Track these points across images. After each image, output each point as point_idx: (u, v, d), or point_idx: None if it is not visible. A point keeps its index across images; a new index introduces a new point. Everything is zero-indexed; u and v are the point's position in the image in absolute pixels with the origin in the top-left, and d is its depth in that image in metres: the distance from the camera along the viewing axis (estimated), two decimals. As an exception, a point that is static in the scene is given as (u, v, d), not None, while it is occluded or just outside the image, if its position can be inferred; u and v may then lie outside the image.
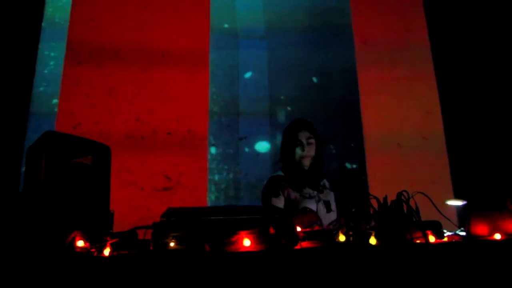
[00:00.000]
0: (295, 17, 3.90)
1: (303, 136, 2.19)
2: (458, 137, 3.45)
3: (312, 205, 2.12)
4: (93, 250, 1.15)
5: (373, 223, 1.53)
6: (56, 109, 3.31)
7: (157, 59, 3.47)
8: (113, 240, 1.15)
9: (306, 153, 2.18)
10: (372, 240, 1.30)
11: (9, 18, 3.29)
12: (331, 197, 2.26)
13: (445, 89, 3.60)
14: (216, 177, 3.51)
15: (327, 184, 2.29)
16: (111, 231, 1.51)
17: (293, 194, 2.14)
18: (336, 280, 1.19)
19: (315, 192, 2.18)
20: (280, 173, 2.26)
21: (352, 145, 3.68)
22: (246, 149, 3.63)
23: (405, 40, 3.80)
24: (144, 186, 3.18)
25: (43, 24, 3.50)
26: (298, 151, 2.18)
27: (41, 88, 3.42)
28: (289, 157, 2.21)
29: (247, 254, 1.19)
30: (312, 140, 2.20)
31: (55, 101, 3.36)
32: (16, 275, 1.04)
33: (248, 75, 3.79)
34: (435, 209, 1.55)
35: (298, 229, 1.39)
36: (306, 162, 2.21)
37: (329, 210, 2.16)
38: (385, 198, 1.47)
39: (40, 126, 3.20)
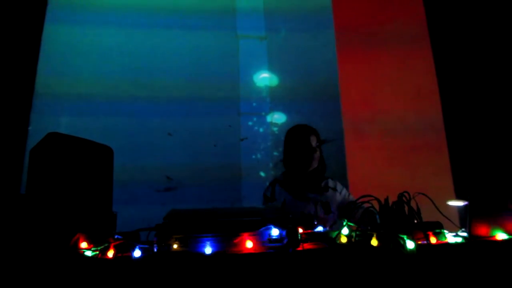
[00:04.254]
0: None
1: (313, 140, 2.22)
2: (459, 138, 3.45)
3: (310, 208, 2.12)
4: (97, 252, 1.16)
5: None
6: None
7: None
8: (117, 242, 1.16)
9: (316, 157, 2.21)
10: (374, 242, 1.31)
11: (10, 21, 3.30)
12: (334, 197, 2.22)
13: (446, 89, 3.60)
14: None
15: (331, 183, 2.26)
16: (114, 232, 1.52)
17: (290, 198, 2.15)
18: (338, 281, 1.19)
19: (314, 195, 2.18)
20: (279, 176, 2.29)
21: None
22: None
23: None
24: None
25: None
26: (310, 155, 2.19)
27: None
28: (298, 161, 2.20)
29: (249, 255, 1.20)
30: (318, 144, 2.24)
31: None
32: (20, 278, 1.05)
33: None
34: (436, 210, 1.55)
35: (300, 230, 1.40)
36: (314, 165, 2.22)
37: (328, 212, 2.14)
38: (386, 199, 1.47)
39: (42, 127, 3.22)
